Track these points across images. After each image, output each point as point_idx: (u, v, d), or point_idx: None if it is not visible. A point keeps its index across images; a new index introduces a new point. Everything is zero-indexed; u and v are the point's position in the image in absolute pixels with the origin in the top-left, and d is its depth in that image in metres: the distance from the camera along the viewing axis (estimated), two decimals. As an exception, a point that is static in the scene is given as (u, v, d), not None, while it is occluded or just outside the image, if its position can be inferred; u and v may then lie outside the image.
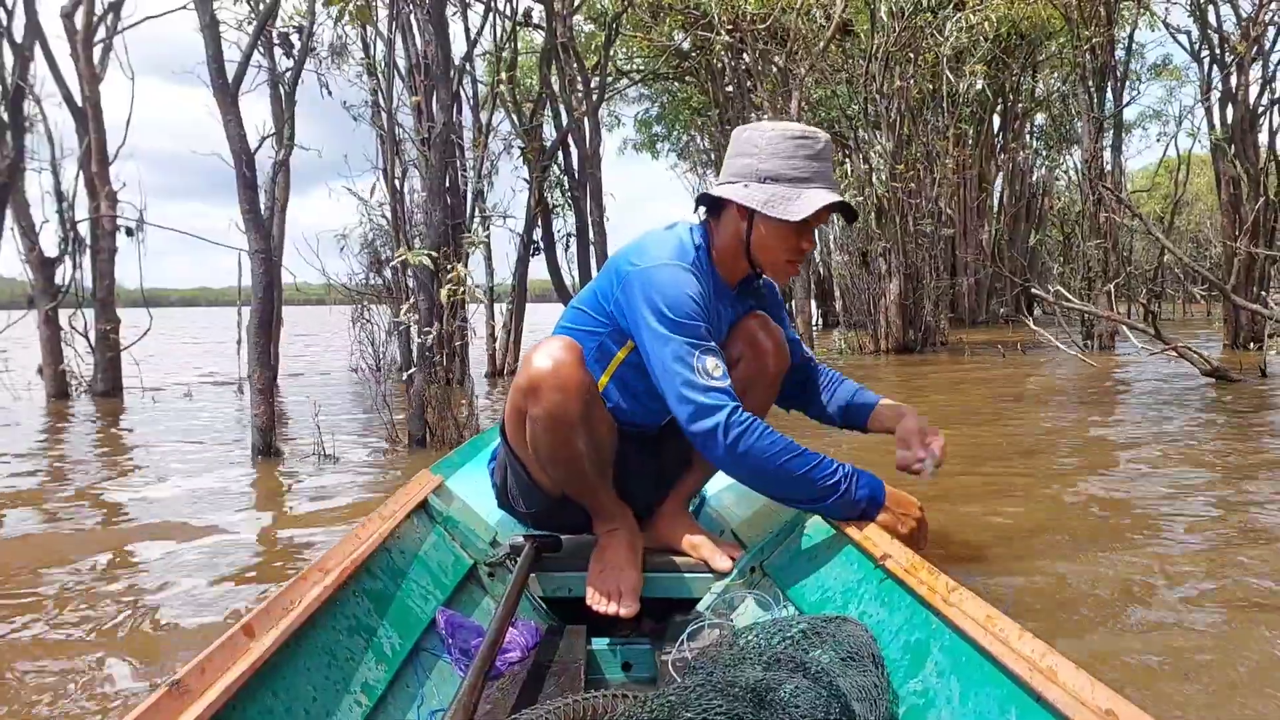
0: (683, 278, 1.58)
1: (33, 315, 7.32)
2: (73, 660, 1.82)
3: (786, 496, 1.53)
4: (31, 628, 2.01)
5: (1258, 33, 9.80)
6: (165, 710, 0.86)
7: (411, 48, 5.14)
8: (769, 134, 1.65)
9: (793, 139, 1.63)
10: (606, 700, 1.10)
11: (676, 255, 1.63)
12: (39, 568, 2.47)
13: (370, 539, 1.39)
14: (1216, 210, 10.97)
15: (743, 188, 1.64)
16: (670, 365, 1.51)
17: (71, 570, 2.45)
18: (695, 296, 1.56)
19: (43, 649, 1.89)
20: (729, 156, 1.71)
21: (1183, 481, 3.27)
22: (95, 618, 2.07)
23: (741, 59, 12.68)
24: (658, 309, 1.54)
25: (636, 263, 1.61)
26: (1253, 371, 6.85)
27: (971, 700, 1.02)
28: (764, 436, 1.47)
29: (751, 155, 1.65)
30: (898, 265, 11.13)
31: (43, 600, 2.20)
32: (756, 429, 1.47)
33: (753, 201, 1.62)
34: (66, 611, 2.12)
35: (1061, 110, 20.37)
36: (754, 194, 1.62)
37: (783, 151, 1.63)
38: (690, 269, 1.61)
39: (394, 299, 8.23)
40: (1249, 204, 9.76)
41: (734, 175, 1.67)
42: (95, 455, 4.53)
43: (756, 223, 1.65)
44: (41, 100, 7.46)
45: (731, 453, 1.46)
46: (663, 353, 1.52)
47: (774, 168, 1.62)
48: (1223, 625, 1.85)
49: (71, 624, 2.03)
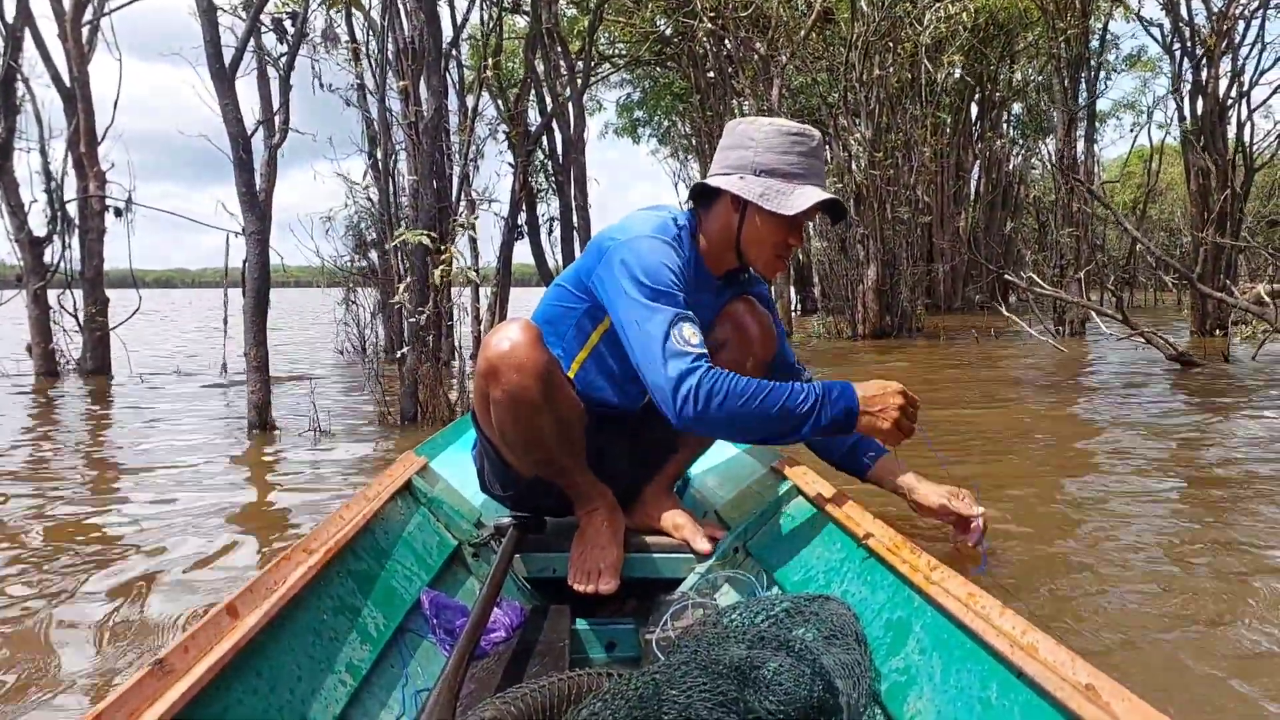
0: (661, 249, 1.58)
1: (21, 294, 7.32)
2: (55, 638, 1.80)
3: (768, 435, 1.50)
4: (13, 604, 1.99)
5: (1227, 27, 9.92)
6: (149, 689, 0.86)
7: (399, 32, 5.10)
8: (765, 128, 1.66)
9: (788, 135, 1.65)
10: (591, 679, 1.10)
11: (656, 230, 1.63)
12: (23, 544, 2.44)
13: (355, 520, 1.39)
14: (1188, 200, 11.12)
15: (738, 179, 1.65)
16: (647, 330, 1.49)
17: (58, 546, 2.42)
18: (673, 267, 1.56)
19: (24, 626, 1.87)
20: (723, 148, 1.71)
21: (1143, 457, 3.33)
22: (80, 594, 2.05)
23: (723, 45, 12.65)
24: (635, 278, 1.53)
25: (617, 237, 1.62)
26: (1216, 357, 6.98)
27: (953, 677, 1.04)
28: (735, 381, 1.45)
29: (747, 148, 1.66)
30: (876, 252, 11.19)
31: (26, 576, 2.17)
32: (727, 376, 1.45)
33: (748, 193, 1.63)
34: (50, 587, 2.09)
35: (1037, 100, 20.52)
36: (750, 186, 1.63)
37: (778, 146, 1.64)
38: (670, 243, 1.61)
39: (379, 281, 8.20)
40: (1216, 195, 9.91)
41: (728, 167, 1.68)
42: (86, 432, 4.48)
43: (750, 214, 1.66)
44: (30, 81, 7.41)
45: (707, 406, 1.43)
46: (639, 319, 1.51)
47: (769, 162, 1.64)
48: (1192, 597, 1.89)
49: (55, 600, 2.01)
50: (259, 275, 4.26)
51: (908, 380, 1.92)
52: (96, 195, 7.27)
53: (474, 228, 5.96)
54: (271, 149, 4.46)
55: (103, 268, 7.46)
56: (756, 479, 1.92)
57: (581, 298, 1.70)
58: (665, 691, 1.02)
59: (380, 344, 8.39)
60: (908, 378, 6.43)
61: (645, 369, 1.50)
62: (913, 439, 1.56)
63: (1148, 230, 16.17)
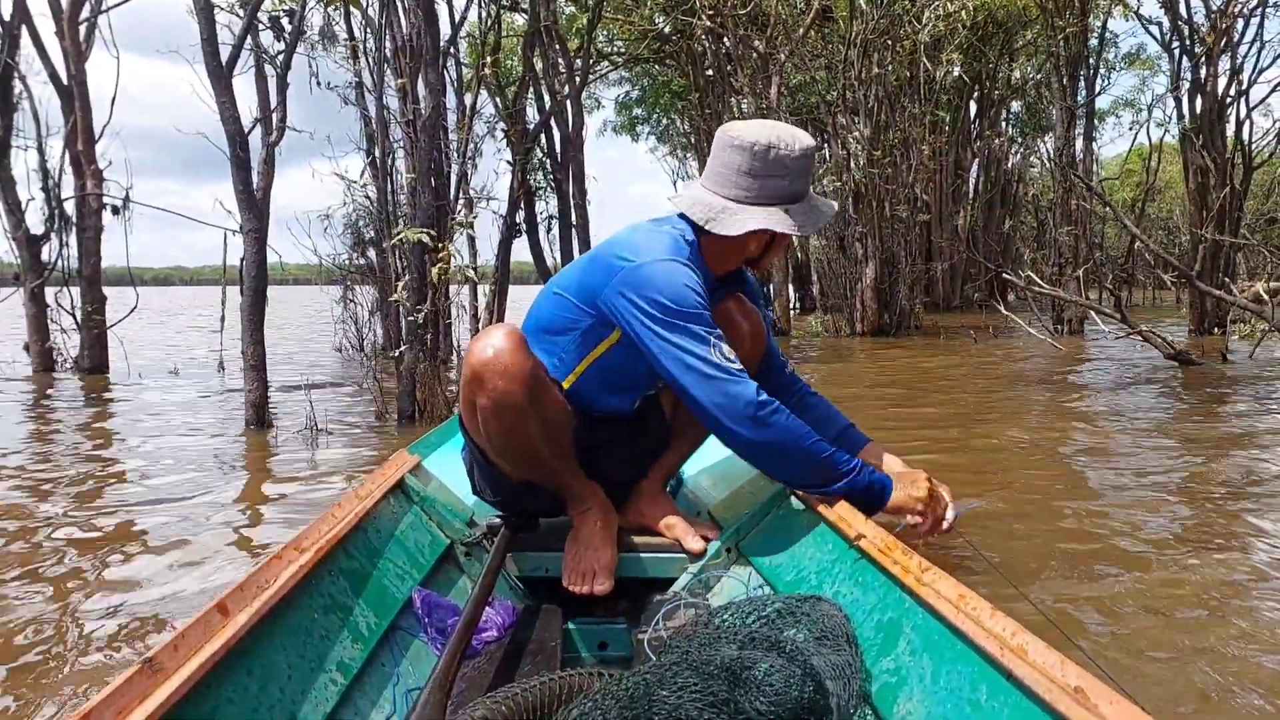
0: (682, 272, 1.57)
1: (19, 292, 7.34)
2: (45, 636, 1.80)
3: (803, 477, 1.54)
4: (4, 602, 1.99)
5: (1226, 25, 9.92)
6: (138, 687, 0.85)
7: (396, 30, 5.09)
8: (729, 138, 1.66)
9: (742, 147, 1.64)
10: (582, 678, 1.10)
11: (672, 251, 1.61)
12: (17, 542, 2.43)
13: (346, 518, 1.39)
14: (1186, 198, 11.13)
15: (691, 199, 1.68)
16: (689, 348, 1.51)
17: (52, 544, 2.42)
18: (696, 289, 1.56)
19: (15, 624, 1.87)
20: (710, 156, 1.72)
21: (1142, 455, 3.34)
22: (71, 593, 2.05)
23: (722, 43, 12.64)
24: (663, 303, 1.53)
25: (631, 258, 1.59)
26: (1215, 355, 6.98)
27: (943, 678, 1.04)
28: (790, 415, 1.51)
29: (717, 158, 1.68)
30: (874, 250, 11.20)
31: (18, 573, 2.17)
32: (782, 407, 1.50)
33: (696, 216, 1.66)
34: (42, 585, 2.09)
35: (1036, 98, 20.51)
36: (697, 210, 1.66)
37: (731, 163, 1.65)
38: (687, 264, 1.60)
39: (377, 280, 8.21)
40: (1215, 193, 9.91)
41: (706, 178, 1.70)
42: (83, 431, 4.49)
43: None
44: (27, 78, 7.42)
45: (761, 427, 1.48)
46: (677, 341, 1.52)
47: (721, 179, 1.67)
48: (1186, 596, 1.90)
49: (46, 598, 2.01)
50: (257, 274, 4.27)
51: (907, 377, 1.92)
52: (94, 193, 7.26)
53: (472, 226, 5.97)
54: (269, 147, 4.47)
55: (100, 265, 7.45)
56: (749, 479, 1.92)
57: (588, 312, 1.67)
58: (656, 691, 1.02)
59: (378, 342, 8.40)
60: (907, 375, 6.43)
61: (696, 389, 1.51)
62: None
63: (1146, 228, 16.18)
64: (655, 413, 1.88)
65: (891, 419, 4.57)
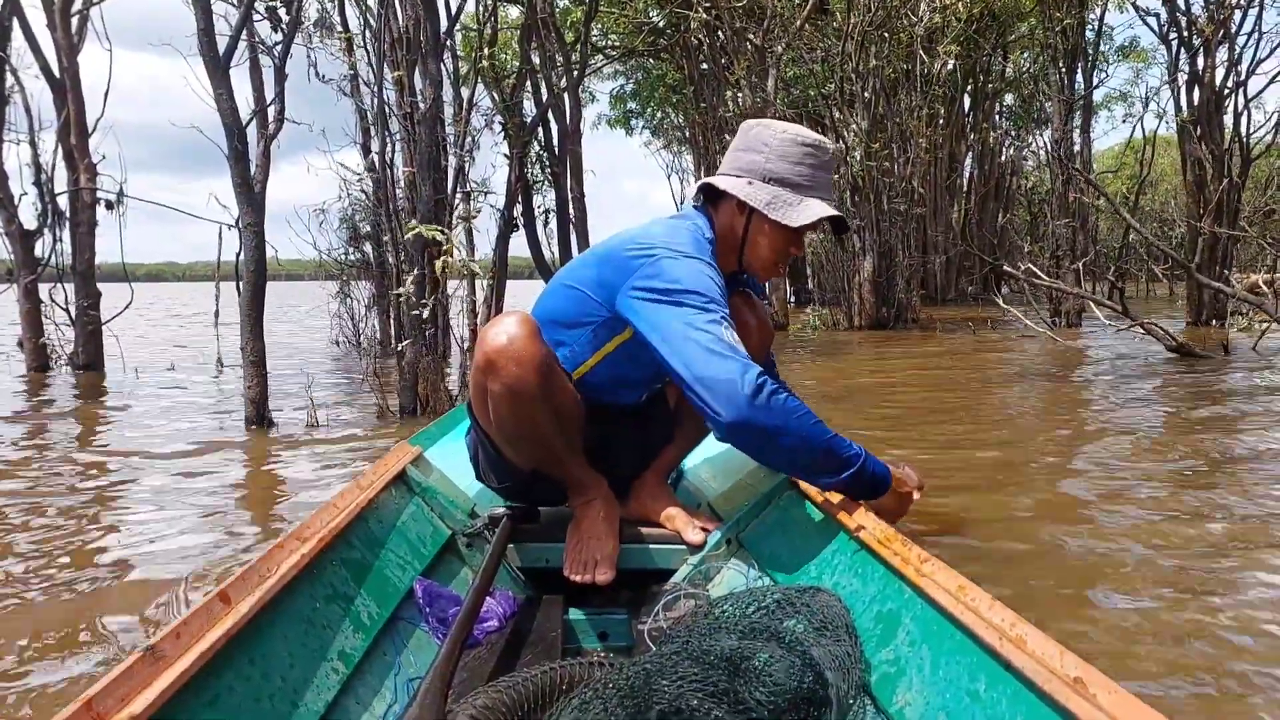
0: (707, 269, 1.55)
1: (12, 288, 7.28)
2: (47, 626, 1.80)
3: (801, 464, 1.45)
4: (6, 594, 1.99)
5: (1224, 16, 9.91)
6: (140, 675, 0.86)
7: (393, 22, 5.07)
8: (780, 135, 1.66)
9: (803, 145, 1.65)
10: (583, 668, 1.11)
11: (695, 249, 1.59)
12: (16, 536, 2.43)
13: (349, 508, 1.39)
14: (1180, 190, 11.14)
15: (747, 184, 1.65)
16: (700, 326, 1.44)
17: (51, 539, 2.42)
18: (719, 281, 1.54)
19: (18, 612, 1.87)
20: (734, 149, 1.71)
21: (1147, 452, 3.34)
22: (74, 582, 2.05)
23: (717, 36, 12.61)
24: (683, 291, 1.49)
25: (654, 252, 1.56)
26: (1216, 348, 7.00)
27: (942, 669, 1.04)
28: (791, 398, 1.42)
29: (760, 153, 1.66)
30: (871, 243, 11.20)
31: (19, 566, 2.17)
32: (784, 390, 1.43)
33: (756, 200, 1.63)
34: (43, 578, 2.09)
35: (1031, 91, 20.50)
36: (757, 193, 1.64)
37: (792, 156, 1.64)
38: (711, 263, 1.58)
39: (374, 274, 8.18)
40: (1213, 185, 9.91)
41: (739, 169, 1.68)
42: (79, 427, 4.48)
43: (756, 220, 1.66)
44: (19, 72, 7.34)
45: (764, 409, 1.38)
46: (689, 320, 1.46)
47: (780, 170, 1.64)
48: (1182, 590, 1.91)
49: (47, 591, 2.01)
50: (255, 269, 4.21)
51: (906, 373, 1.93)
52: (88, 188, 7.21)
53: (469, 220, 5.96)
54: (266, 140, 4.44)
55: (94, 261, 7.40)
56: (749, 471, 1.92)
57: (603, 307, 1.64)
58: (656, 681, 1.02)
59: (376, 337, 8.38)
60: (907, 372, 6.44)
61: (698, 364, 1.42)
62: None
63: (1140, 221, 16.19)
64: (660, 406, 1.89)
65: (892, 413, 4.58)
